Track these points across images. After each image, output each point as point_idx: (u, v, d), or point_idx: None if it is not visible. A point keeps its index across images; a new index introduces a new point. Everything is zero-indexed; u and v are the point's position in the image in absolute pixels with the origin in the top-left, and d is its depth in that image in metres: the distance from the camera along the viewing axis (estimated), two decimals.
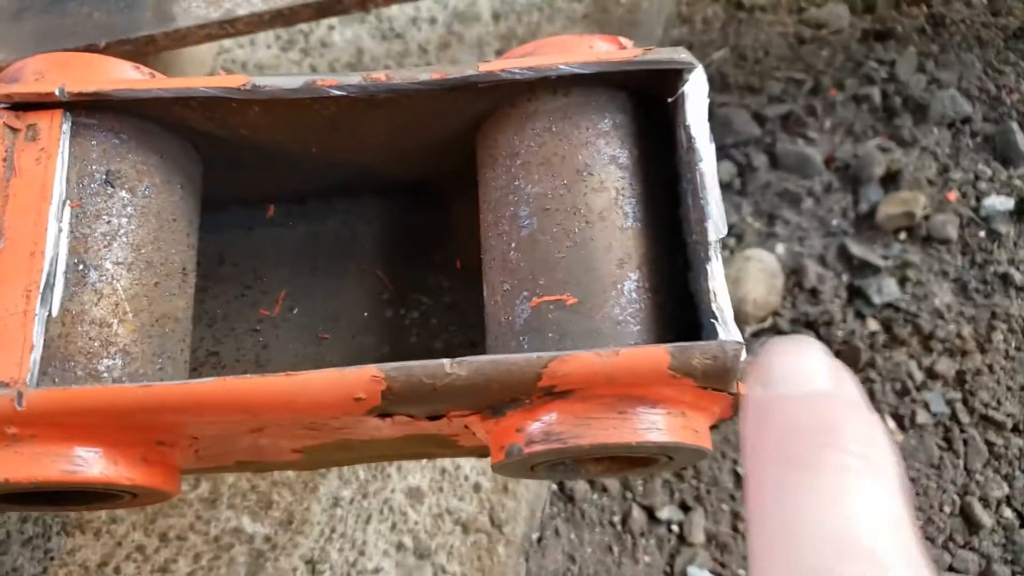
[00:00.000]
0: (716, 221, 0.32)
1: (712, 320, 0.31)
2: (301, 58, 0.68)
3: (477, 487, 0.54)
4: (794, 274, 0.60)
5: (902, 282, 0.60)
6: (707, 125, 0.34)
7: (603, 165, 0.35)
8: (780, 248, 0.61)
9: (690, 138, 0.34)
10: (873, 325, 0.59)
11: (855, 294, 0.60)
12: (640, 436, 0.31)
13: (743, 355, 0.31)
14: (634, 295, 0.33)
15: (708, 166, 0.33)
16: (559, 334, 0.33)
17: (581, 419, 0.31)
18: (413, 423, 0.34)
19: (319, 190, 0.44)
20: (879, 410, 0.56)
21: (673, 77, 0.35)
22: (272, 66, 0.67)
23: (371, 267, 0.44)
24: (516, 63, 0.35)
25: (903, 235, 0.61)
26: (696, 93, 0.35)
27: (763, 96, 0.66)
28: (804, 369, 0.22)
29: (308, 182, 0.43)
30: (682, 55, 0.35)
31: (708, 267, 0.32)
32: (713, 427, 0.35)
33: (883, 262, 0.60)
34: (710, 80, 0.68)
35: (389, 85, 0.35)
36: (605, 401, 0.31)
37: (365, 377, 0.30)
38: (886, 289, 0.59)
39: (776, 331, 0.58)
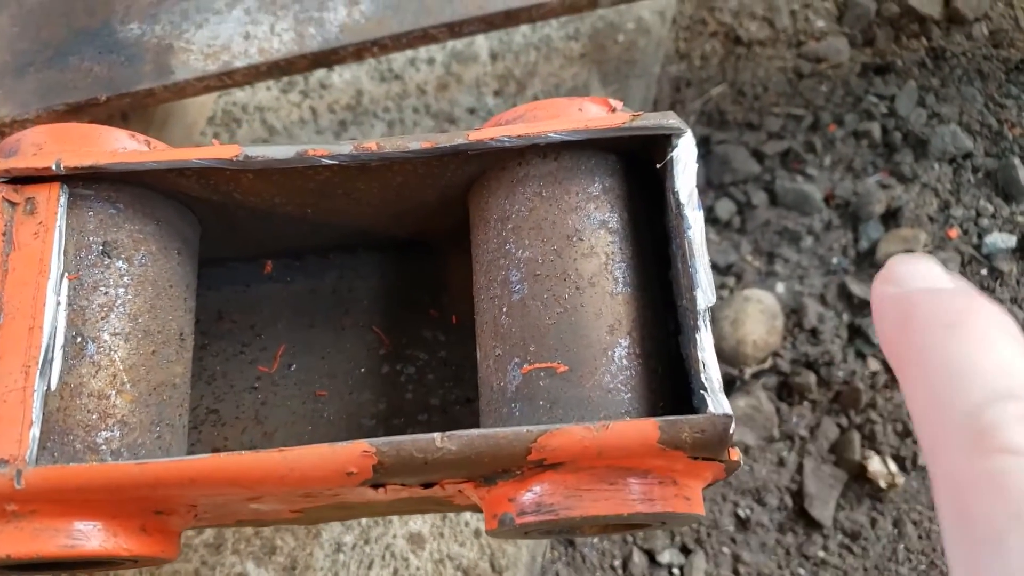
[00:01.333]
0: (705, 289, 0.33)
1: (702, 391, 0.31)
2: (301, 100, 0.68)
3: (478, 533, 0.54)
4: (794, 314, 0.60)
5: None
6: (696, 191, 0.34)
7: (593, 230, 0.35)
8: (780, 287, 0.61)
9: (679, 204, 0.34)
10: (874, 365, 0.58)
11: (856, 333, 0.59)
12: (631, 507, 0.31)
13: (732, 427, 0.31)
14: (624, 362, 0.33)
15: (696, 233, 0.33)
16: (550, 402, 0.33)
17: (572, 490, 0.31)
18: (407, 489, 0.34)
19: (316, 247, 0.45)
20: (880, 452, 0.56)
21: (662, 141, 0.35)
22: (272, 108, 0.68)
23: (368, 322, 0.44)
24: (505, 131, 0.35)
25: None
26: (685, 158, 0.35)
27: (762, 132, 0.66)
28: (932, 273, 0.26)
29: (305, 240, 0.44)
30: (671, 120, 0.35)
31: (697, 336, 0.32)
32: (707, 486, 0.35)
33: None
34: (708, 116, 0.68)
35: (380, 154, 0.36)
36: (596, 472, 0.31)
37: (356, 452, 0.31)
38: None
39: (776, 372, 0.58)
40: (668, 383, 0.34)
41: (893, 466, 0.55)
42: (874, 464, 0.55)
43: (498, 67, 0.68)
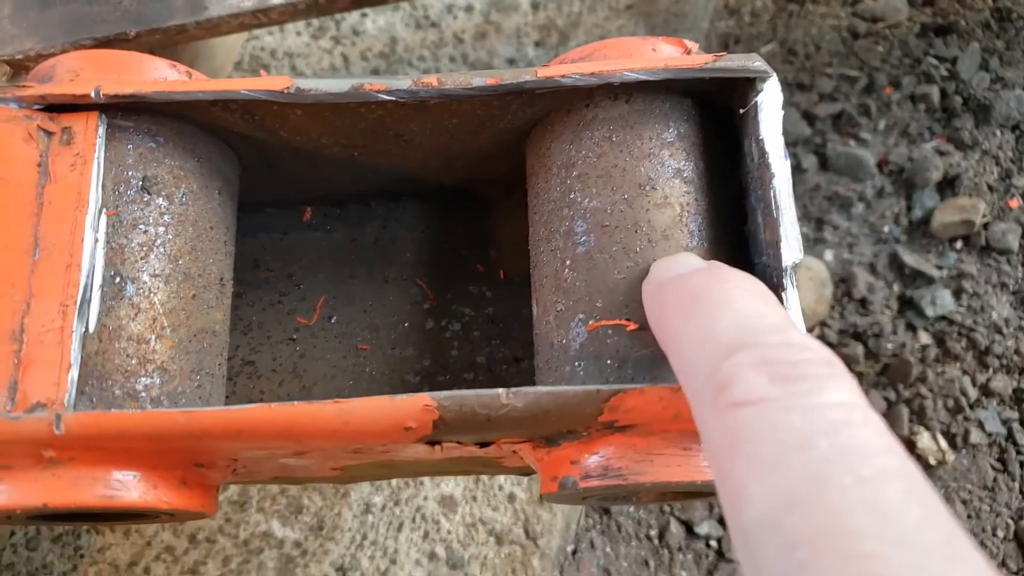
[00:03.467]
0: (791, 244, 0.30)
1: None
2: (332, 46, 0.65)
3: (512, 497, 0.53)
4: (843, 283, 0.57)
5: (957, 294, 0.57)
6: (782, 139, 0.32)
7: (667, 179, 0.33)
8: (829, 255, 0.58)
9: (763, 153, 0.32)
10: (925, 338, 0.56)
11: (907, 305, 0.57)
12: (707, 475, 0.29)
13: None
14: None
15: (783, 184, 0.31)
16: (618, 361, 0.31)
17: (642, 455, 0.29)
18: (461, 448, 0.32)
19: (358, 194, 0.42)
20: (930, 428, 0.54)
21: (744, 86, 0.33)
22: (302, 54, 0.65)
23: (411, 275, 0.42)
24: (578, 68, 0.33)
25: (959, 244, 0.58)
26: (770, 104, 0.32)
27: (814, 94, 0.63)
28: (685, 262, 0.29)
29: (348, 185, 0.41)
30: (756, 63, 0.32)
31: (782, 295, 0.30)
32: None
33: (938, 272, 0.58)
34: None
35: (440, 90, 0.33)
36: (668, 436, 0.29)
37: (417, 406, 0.29)
38: (940, 301, 0.56)
39: (824, 342, 0.56)
40: None
41: (943, 443, 0.54)
42: (923, 440, 0.53)
43: (540, 17, 0.65)
